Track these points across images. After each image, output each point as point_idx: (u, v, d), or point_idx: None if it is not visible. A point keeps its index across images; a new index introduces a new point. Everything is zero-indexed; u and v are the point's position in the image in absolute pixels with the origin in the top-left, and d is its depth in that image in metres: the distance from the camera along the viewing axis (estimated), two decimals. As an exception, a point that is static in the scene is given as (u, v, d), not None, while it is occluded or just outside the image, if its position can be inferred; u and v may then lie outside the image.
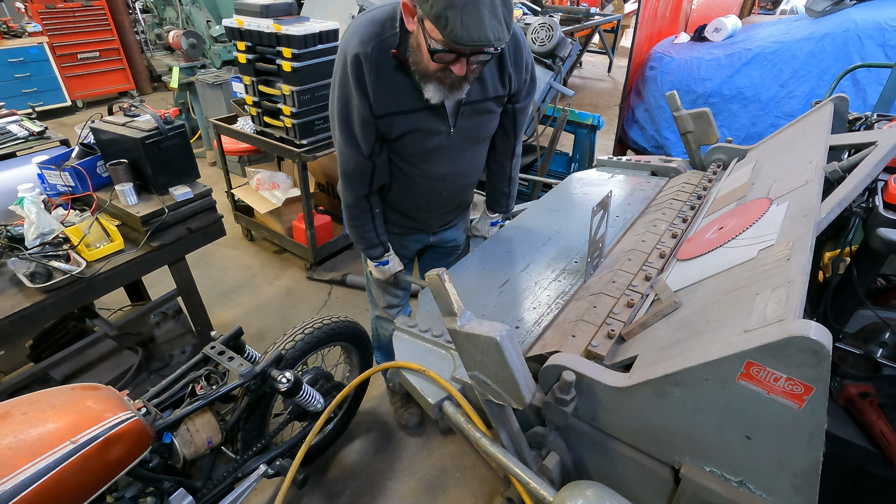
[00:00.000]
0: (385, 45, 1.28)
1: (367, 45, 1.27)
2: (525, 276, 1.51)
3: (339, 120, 1.39)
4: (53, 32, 5.89)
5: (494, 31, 1.08)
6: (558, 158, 3.75)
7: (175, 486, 1.43)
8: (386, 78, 1.31)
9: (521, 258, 1.60)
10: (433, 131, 1.44)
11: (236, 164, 4.52)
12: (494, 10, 1.07)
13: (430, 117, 1.41)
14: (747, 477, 0.89)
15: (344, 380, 2.18)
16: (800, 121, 1.71)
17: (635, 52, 3.97)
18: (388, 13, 1.30)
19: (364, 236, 1.64)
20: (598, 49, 8.82)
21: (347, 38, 1.32)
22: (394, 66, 1.31)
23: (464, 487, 2.08)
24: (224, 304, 3.14)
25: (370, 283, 2.00)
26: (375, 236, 1.64)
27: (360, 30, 1.29)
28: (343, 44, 1.34)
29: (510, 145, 1.70)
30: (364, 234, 1.63)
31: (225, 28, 2.88)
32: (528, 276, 1.51)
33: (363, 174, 1.48)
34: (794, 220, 1.10)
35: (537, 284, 1.46)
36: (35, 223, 1.70)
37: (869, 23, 3.20)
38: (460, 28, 1.05)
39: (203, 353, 1.61)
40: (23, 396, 1.17)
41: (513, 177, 1.79)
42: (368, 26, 1.29)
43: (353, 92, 1.32)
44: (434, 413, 1.20)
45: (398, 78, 1.32)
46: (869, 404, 1.44)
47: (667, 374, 0.87)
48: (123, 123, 1.97)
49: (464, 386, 1.22)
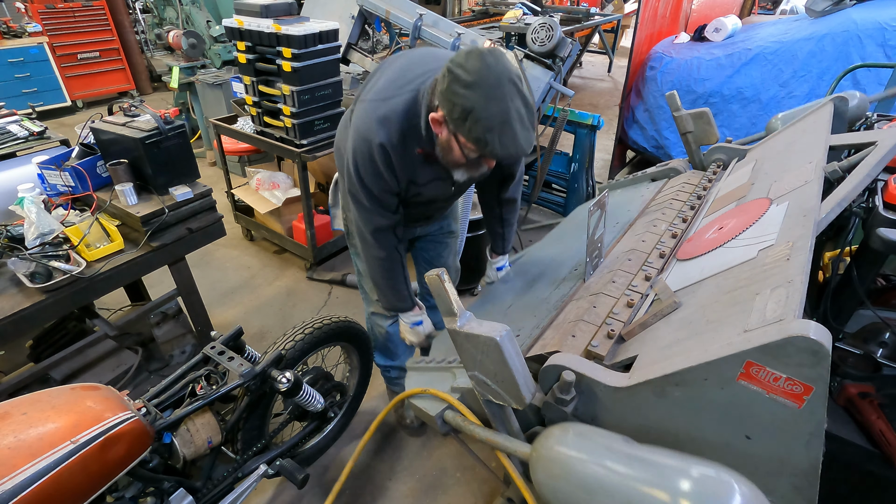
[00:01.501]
0: (409, 139, 1.38)
1: (394, 139, 1.36)
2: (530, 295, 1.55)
3: (365, 193, 1.45)
4: (53, 32, 5.89)
5: (527, 142, 1.21)
6: (558, 158, 3.75)
7: (175, 486, 1.43)
8: (409, 163, 1.42)
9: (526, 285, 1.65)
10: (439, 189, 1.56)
11: (236, 164, 4.52)
12: (523, 123, 1.19)
13: (440, 184, 1.53)
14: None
15: (344, 380, 2.18)
16: (800, 121, 1.71)
17: (635, 52, 3.97)
18: (406, 108, 1.35)
19: (396, 288, 1.65)
20: (598, 49, 8.82)
21: (368, 126, 1.37)
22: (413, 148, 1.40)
23: (464, 487, 2.08)
24: (224, 304, 3.14)
25: (362, 278, 2.01)
26: (405, 287, 1.66)
27: (384, 125, 1.35)
28: (363, 130, 1.38)
29: (502, 192, 1.76)
30: (396, 286, 1.65)
31: (225, 28, 2.88)
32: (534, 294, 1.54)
33: (394, 227, 1.55)
34: (793, 220, 1.10)
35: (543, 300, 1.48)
36: (35, 223, 1.70)
37: (869, 23, 3.19)
38: (499, 147, 1.18)
39: (203, 353, 1.61)
40: (23, 396, 1.17)
41: (505, 219, 1.83)
42: (391, 123, 1.36)
43: (381, 171, 1.39)
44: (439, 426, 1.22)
45: (420, 163, 1.44)
46: (869, 404, 1.44)
47: (667, 374, 0.87)
48: (123, 123, 1.97)
49: (463, 393, 1.22)
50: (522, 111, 1.19)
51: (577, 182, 3.71)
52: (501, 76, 1.15)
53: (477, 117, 1.16)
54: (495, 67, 1.15)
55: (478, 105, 1.15)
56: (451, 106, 1.20)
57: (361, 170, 1.41)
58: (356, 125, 1.41)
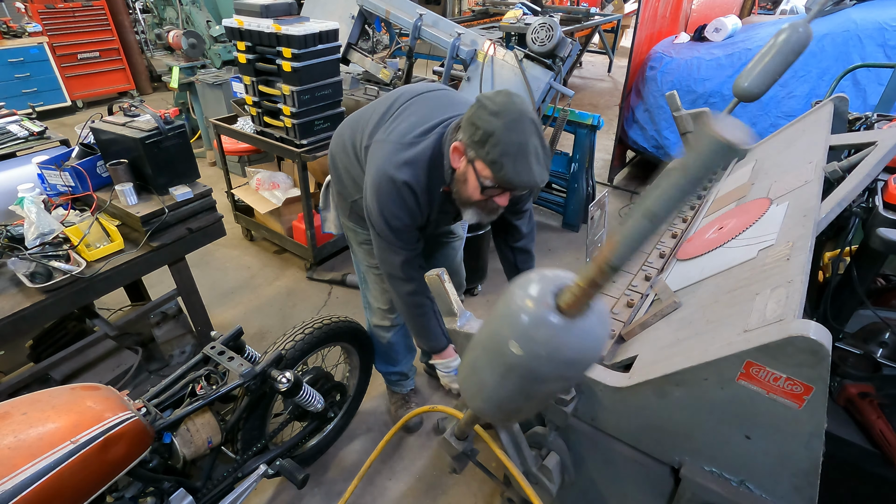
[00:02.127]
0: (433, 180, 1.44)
1: (420, 179, 1.42)
2: None
3: (389, 228, 1.47)
4: (53, 32, 5.89)
5: (539, 176, 1.26)
6: (558, 158, 3.75)
7: (175, 486, 1.43)
8: (432, 201, 1.49)
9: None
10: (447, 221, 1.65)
11: (236, 164, 4.52)
12: (538, 158, 1.25)
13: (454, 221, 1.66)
14: (747, 477, 0.89)
15: (344, 380, 2.18)
16: (800, 121, 1.71)
17: (635, 52, 3.97)
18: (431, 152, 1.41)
19: (428, 326, 1.63)
20: (598, 49, 8.81)
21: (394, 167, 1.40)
22: (437, 190, 1.47)
23: (464, 487, 2.08)
24: (224, 304, 3.14)
25: (366, 285, 2.00)
26: (438, 324, 1.64)
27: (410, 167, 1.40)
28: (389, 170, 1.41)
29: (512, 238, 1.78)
30: (428, 325, 1.63)
31: (225, 28, 2.88)
32: None
33: (416, 258, 1.57)
34: (793, 220, 1.10)
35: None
36: (35, 223, 1.70)
37: (869, 23, 3.19)
38: (513, 173, 1.23)
39: (203, 353, 1.61)
40: (23, 396, 1.17)
41: (520, 269, 1.82)
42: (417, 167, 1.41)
43: (408, 207, 1.44)
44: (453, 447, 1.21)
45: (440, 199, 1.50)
46: (869, 404, 1.43)
47: (667, 374, 0.87)
48: (123, 123, 1.96)
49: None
50: (539, 149, 1.25)
51: (577, 182, 3.71)
52: (524, 114, 1.23)
53: (496, 141, 1.21)
54: (520, 105, 1.24)
55: (498, 130, 1.21)
56: (473, 130, 1.26)
57: (387, 208, 1.44)
58: (379, 165, 1.43)
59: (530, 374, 0.62)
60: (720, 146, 0.38)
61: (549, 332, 0.57)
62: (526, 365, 0.61)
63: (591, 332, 0.58)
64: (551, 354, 0.58)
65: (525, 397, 0.68)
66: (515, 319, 0.60)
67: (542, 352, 0.59)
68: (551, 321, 0.57)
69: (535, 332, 0.58)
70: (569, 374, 0.62)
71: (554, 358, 0.59)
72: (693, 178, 0.42)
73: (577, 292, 0.55)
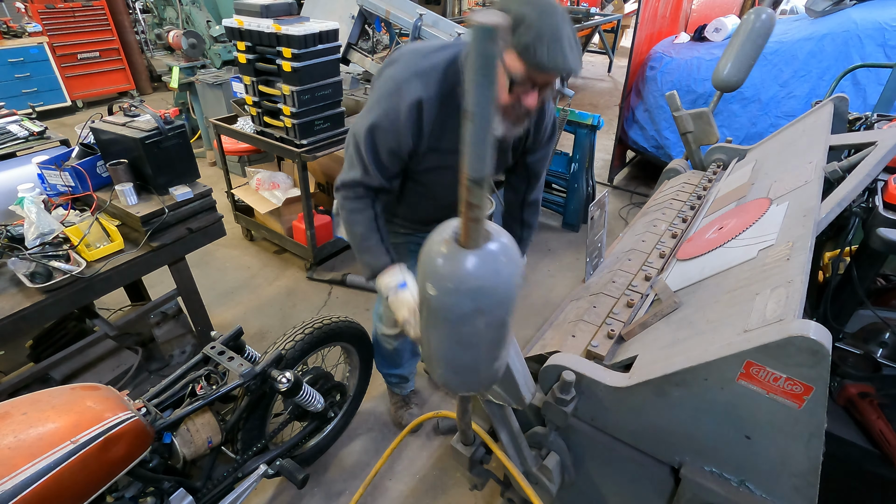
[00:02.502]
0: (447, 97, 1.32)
1: (431, 92, 1.31)
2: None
3: (367, 141, 1.36)
4: (53, 32, 5.89)
5: (574, 62, 1.19)
6: (558, 158, 3.75)
7: (175, 486, 1.43)
8: (440, 122, 1.34)
9: None
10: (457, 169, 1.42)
11: (236, 164, 4.52)
12: (571, 46, 1.19)
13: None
14: (747, 477, 0.89)
15: (344, 380, 2.18)
16: (800, 121, 1.71)
17: (635, 52, 3.97)
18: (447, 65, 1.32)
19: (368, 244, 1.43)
20: (598, 49, 8.82)
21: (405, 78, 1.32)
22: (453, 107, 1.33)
23: (464, 487, 2.08)
24: (224, 304, 3.14)
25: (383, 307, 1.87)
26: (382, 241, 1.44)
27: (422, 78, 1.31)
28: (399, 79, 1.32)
29: (522, 192, 1.70)
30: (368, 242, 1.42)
31: (225, 28, 2.88)
32: None
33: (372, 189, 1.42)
34: (793, 220, 1.10)
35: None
36: (35, 223, 1.70)
37: (869, 23, 3.19)
38: (547, 56, 1.15)
39: (203, 353, 1.61)
40: (23, 396, 1.17)
41: (525, 220, 1.76)
42: (430, 77, 1.31)
43: (401, 128, 1.33)
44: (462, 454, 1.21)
45: (452, 119, 1.35)
46: (869, 404, 1.43)
47: (667, 374, 0.87)
48: (123, 123, 1.96)
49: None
50: (572, 38, 1.18)
51: (577, 182, 3.71)
52: (556, 3, 1.17)
53: (529, 24, 1.14)
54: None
55: (530, 15, 1.14)
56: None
57: (379, 115, 1.33)
58: (392, 75, 1.34)
59: (449, 312, 0.66)
60: (480, 30, 0.43)
61: (450, 265, 0.62)
62: (442, 303, 0.65)
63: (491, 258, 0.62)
64: (458, 285, 0.62)
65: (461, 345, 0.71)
66: (426, 263, 0.65)
67: (450, 284, 0.63)
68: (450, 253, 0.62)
69: (440, 268, 0.63)
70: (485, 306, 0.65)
71: (461, 288, 0.62)
72: (478, 68, 0.46)
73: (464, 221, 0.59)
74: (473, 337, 0.69)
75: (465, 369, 0.77)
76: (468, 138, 0.52)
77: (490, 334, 0.70)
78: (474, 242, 0.61)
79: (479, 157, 0.53)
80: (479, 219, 0.58)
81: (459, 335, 0.69)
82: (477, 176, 0.54)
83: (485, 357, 0.74)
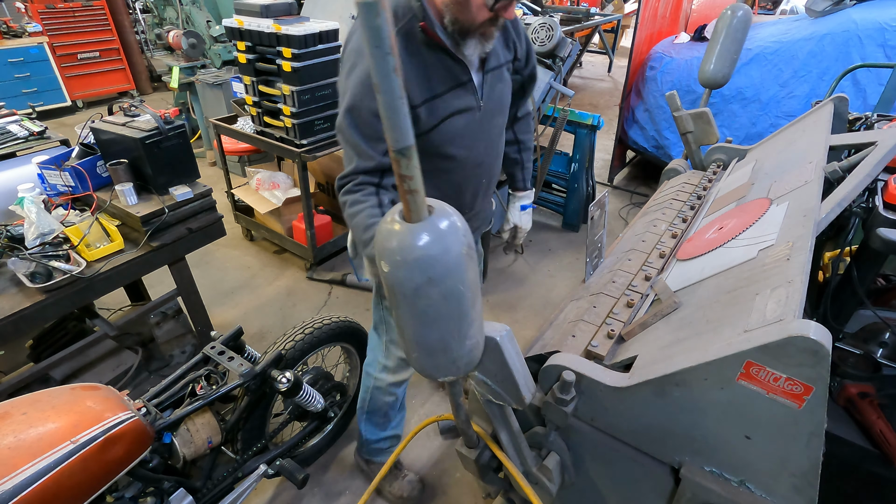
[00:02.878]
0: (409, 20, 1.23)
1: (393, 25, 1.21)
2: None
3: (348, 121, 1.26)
4: (53, 32, 5.89)
5: None
6: (558, 158, 3.75)
7: (175, 486, 1.43)
8: (415, 59, 1.25)
9: None
10: (466, 109, 1.36)
11: (236, 164, 4.52)
12: None
13: (463, 95, 1.34)
14: (747, 477, 0.89)
15: (344, 380, 2.18)
16: (800, 121, 1.71)
17: (635, 52, 3.97)
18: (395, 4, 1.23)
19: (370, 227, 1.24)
20: (598, 49, 8.81)
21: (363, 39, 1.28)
22: (421, 42, 1.25)
23: (464, 487, 2.08)
24: (224, 304, 3.14)
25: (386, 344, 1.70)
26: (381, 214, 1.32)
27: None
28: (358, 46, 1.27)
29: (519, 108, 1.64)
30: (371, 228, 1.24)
31: (225, 28, 2.88)
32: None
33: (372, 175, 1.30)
34: (793, 220, 1.10)
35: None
36: (35, 223, 1.70)
37: (869, 23, 3.19)
38: None
39: (203, 353, 1.61)
40: (23, 396, 1.17)
41: (521, 140, 1.68)
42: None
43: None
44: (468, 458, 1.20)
45: (426, 56, 1.27)
46: (869, 404, 1.43)
47: (667, 374, 0.87)
48: (123, 123, 1.97)
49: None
50: None
51: (577, 182, 3.71)
52: None
53: None
54: None
55: None
56: None
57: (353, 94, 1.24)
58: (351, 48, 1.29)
59: (403, 286, 0.69)
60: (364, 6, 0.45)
61: (396, 238, 0.65)
62: (395, 277, 0.68)
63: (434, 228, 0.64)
64: (405, 257, 0.65)
65: (424, 323, 0.73)
66: (378, 243, 0.68)
67: (398, 257, 0.65)
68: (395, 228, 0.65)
69: (388, 243, 0.66)
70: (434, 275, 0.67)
71: (408, 259, 0.65)
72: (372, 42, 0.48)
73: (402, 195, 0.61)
74: (430, 309, 0.71)
75: (435, 349, 0.78)
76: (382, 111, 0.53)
77: (448, 307, 0.71)
78: (416, 215, 0.63)
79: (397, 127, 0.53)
80: (414, 190, 0.59)
81: (417, 309, 0.71)
82: (400, 146, 0.55)
83: (453, 335, 0.75)
